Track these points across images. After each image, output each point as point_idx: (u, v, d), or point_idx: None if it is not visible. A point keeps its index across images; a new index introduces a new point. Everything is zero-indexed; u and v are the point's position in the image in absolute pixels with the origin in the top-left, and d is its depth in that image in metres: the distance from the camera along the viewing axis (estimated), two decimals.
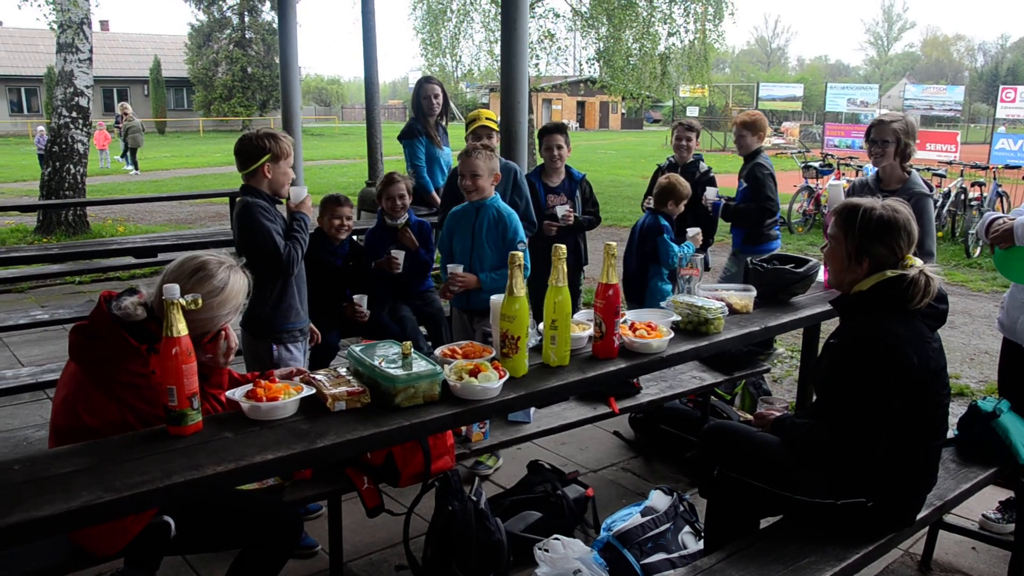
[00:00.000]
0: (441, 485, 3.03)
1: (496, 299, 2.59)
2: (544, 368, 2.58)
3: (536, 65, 19.18)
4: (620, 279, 2.66)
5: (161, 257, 5.32)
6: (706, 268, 5.96)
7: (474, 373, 2.35)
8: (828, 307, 3.30)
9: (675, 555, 3.23)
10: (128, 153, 23.24)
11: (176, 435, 2.06)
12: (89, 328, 2.32)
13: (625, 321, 2.92)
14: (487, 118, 4.88)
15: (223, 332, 2.51)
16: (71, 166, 11.43)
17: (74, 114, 11.39)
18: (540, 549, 2.98)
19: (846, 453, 2.48)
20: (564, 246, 2.53)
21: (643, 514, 3.32)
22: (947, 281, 9.01)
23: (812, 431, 2.56)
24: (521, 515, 3.48)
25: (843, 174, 13.13)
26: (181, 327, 2.03)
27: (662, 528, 3.28)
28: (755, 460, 2.63)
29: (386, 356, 2.38)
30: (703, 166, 5.73)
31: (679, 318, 3.02)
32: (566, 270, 2.53)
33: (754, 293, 3.35)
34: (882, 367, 2.43)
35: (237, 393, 2.22)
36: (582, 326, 2.83)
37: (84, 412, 2.28)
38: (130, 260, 7.92)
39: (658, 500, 3.43)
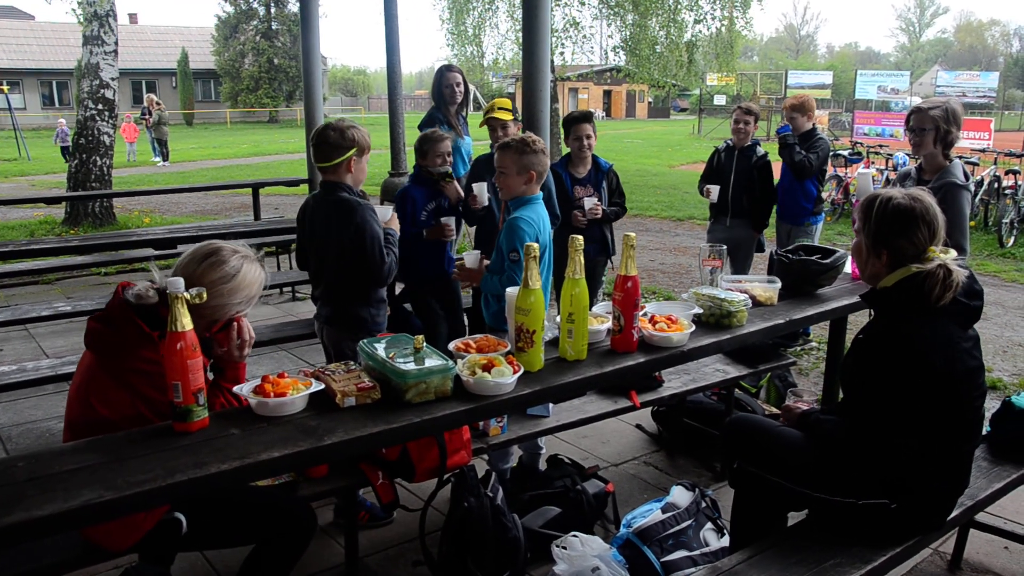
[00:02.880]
0: (457, 481, 2.98)
1: (512, 291, 2.52)
2: (561, 362, 2.51)
3: (561, 54, 19.02)
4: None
5: (180, 248, 5.31)
6: (760, 249, 5.99)
7: (487, 368, 2.28)
8: (855, 299, 3.21)
9: (696, 552, 3.15)
10: (157, 145, 23.43)
11: (182, 432, 2.02)
12: (104, 316, 2.31)
13: (645, 314, 2.85)
14: (499, 108, 4.73)
15: (235, 323, 2.47)
16: (97, 158, 11.51)
17: (100, 106, 11.46)
18: (558, 546, 2.92)
19: (869, 452, 2.39)
20: (581, 237, 2.46)
21: (664, 510, 3.25)
22: (980, 272, 8.80)
23: (836, 428, 2.47)
24: (540, 511, 3.43)
25: (872, 162, 12.90)
26: (185, 321, 1.99)
27: (683, 525, 3.21)
28: (775, 455, 2.55)
29: (398, 351, 2.33)
30: (760, 151, 5.90)
31: (701, 311, 2.93)
32: (583, 261, 2.46)
33: (779, 285, 3.25)
34: (902, 369, 2.34)
35: (245, 388, 2.18)
36: (601, 319, 2.76)
37: (98, 403, 2.26)
38: (151, 252, 8.02)
39: (679, 496, 3.36)
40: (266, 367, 5.92)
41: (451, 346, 2.51)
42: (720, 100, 37.02)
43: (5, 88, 31.87)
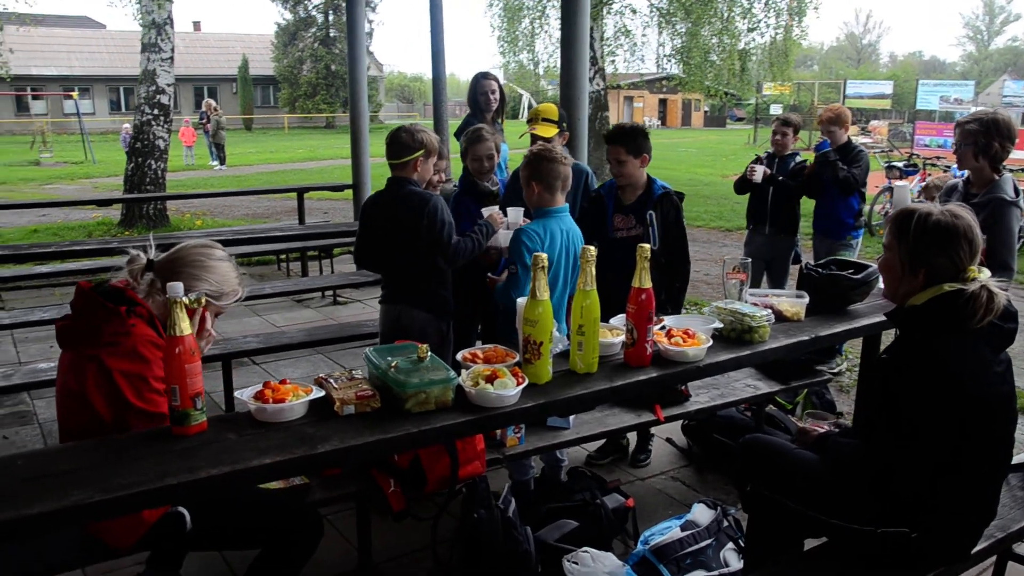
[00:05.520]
0: (468, 492, 2.95)
1: (521, 302, 2.48)
2: (570, 375, 2.46)
3: (612, 62, 18.93)
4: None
5: None
6: (796, 261, 5.87)
7: (491, 379, 2.24)
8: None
9: (715, 573, 3.07)
10: (214, 149, 23.96)
11: (180, 435, 2.03)
12: (72, 309, 2.37)
13: (664, 327, 2.78)
14: (544, 119, 4.38)
15: (201, 312, 2.40)
16: (152, 161, 11.82)
17: (156, 111, 11.75)
18: (569, 561, 2.87)
19: (890, 479, 2.28)
20: (593, 248, 2.41)
21: (683, 528, 3.17)
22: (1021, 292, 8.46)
23: (855, 452, 2.37)
24: (557, 523, 3.36)
25: (929, 174, 12.51)
26: (184, 326, 1.99)
27: (703, 544, 3.13)
28: (790, 478, 2.45)
29: (401, 359, 2.30)
30: (799, 158, 5.89)
31: (721, 325, 2.85)
32: (594, 273, 2.41)
33: (806, 300, 3.14)
34: (930, 392, 2.21)
35: (245, 394, 2.18)
36: (616, 331, 2.70)
37: (78, 403, 2.29)
38: (239, 249, 8.12)
39: (700, 514, 3.27)
40: (303, 370, 5.99)
41: (459, 356, 2.48)
42: (776, 109, 36.37)
43: (75, 94, 33.08)
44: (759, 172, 5.73)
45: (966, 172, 3.95)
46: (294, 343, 4.71)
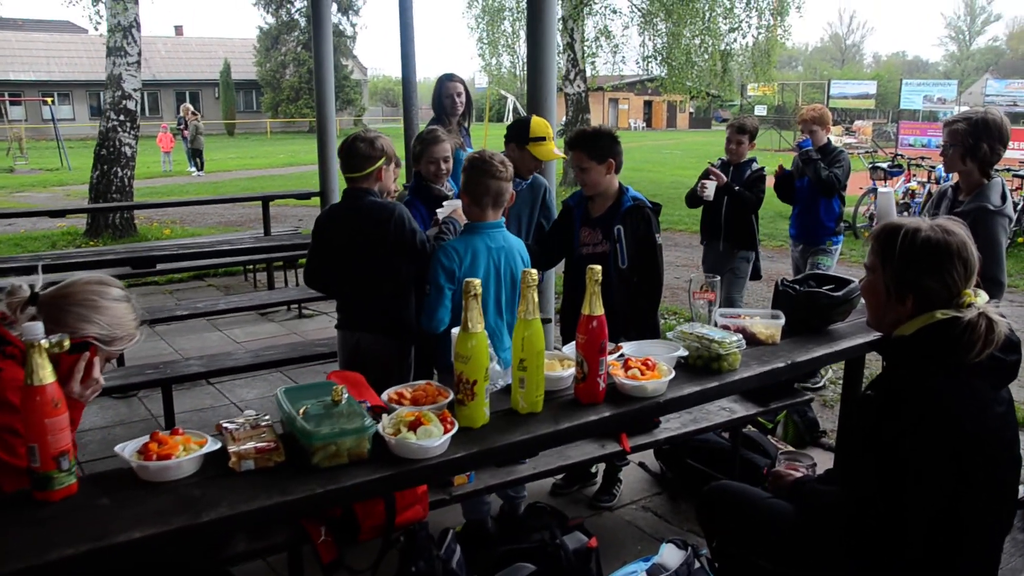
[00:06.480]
0: (406, 541, 2.65)
1: (455, 332, 2.19)
2: (511, 415, 2.16)
3: (592, 63, 18.66)
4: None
5: (160, 267, 5.09)
6: (755, 277, 5.55)
7: (415, 425, 1.95)
8: (872, 336, 2.81)
9: None
10: (193, 155, 23.56)
11: (43, 501, 1.72)
12: None
13: (622, 355, 2.50)
14: (536, 138, 3.92)
15: (89, 355, 2.10)
16: (118, 169, 11.45)
17: (122, 117, 11.41)
18: None
19: (875, 533, 1.98)
20: (535, 272, 2.12)
21: (650, 573, 2.88)
22: (1016, 302, 8.24)
23: (835, 501, 2.07)
24: (513, 568, 3.06)
25: (914, 175, 12.31)
26: (44, 374, 1.69)
27: None
28: (761, 532, 2.16)
29: (313, 403, 2.01)
30: (755, 166, 5.45)
31: (687, 352, 2.57)
32: (537, 299, 2.12)
33: (782, 321, 2.86)
34: (924, 433, 1.90)
35: (128, 448, 1.87)
36: (567, 362, 2.41)
37: None
38: (166, 265, 7.84)
39: (669, 556, 2.98)
40: (258, 389, 5.68)
41: (384, 396, 2.18)
42: (761, 110, 36.24)
43: (50, 100, 32.61)
44: (710, 188, 5.24)
45: (953, 176, 3.67)
46: (239, 365, 4.40)
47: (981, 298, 2.02)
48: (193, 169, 23.35)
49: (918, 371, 2.00)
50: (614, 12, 18.20)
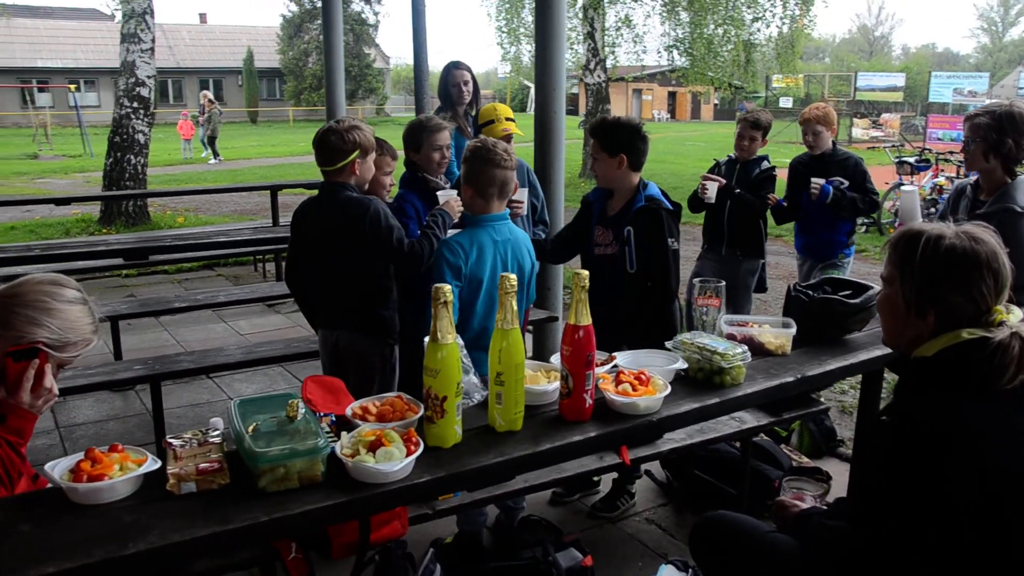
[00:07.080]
0: (381, 560, 2.47)
1: (426, 341, 2.00)
2: (486, 434, 1.98)
3: (613, 53, 18.35)
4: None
5: (152, 259, 4.94)
6: (761, 289, 5.20)
7: (375, 446, 1.76)
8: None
9: None
10: (209, 142, 23.54)
11: None
12: None
13: (615, 367, 2.30)
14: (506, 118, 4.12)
15: (39, 361, 1.92)
16: (131, 156, 11.36)
17: (135, 104, 11.30)
18: None
19: (890, 573, 1.76)
20: (513, 276, 1.93)
21: None
22: None
23: (845, 538, 1.84)
24: None
25: (942, 170, 11.94)
26: None
27: None
28: (760, 571, 1.95)
29: (265, 419, 1.83)
30: (765, 164, 4.95)
31: (686, 365, 2.36)
32: (515, 307, 1.93)
33: (793, 330, 2.65)
34: (945, 467, 1.66)
35: (59, 467, 1.70)
36: (553, 375, 2.22)
37: None
38: (176, 256, 7.72)
39: None
40: (258, 384, 5.54)
41: (348, 411, 2.00)
42: (786, 102, 35.69)
43: (73, 87, 32.74)
44: (712, 189, 4.73)
45: (975, 174, 3.41)
46: (230, 362, 4.24)
47: (1015, 315, 1.78)
48: (208, 154, 23.33)
49: (941, 397, 1.76)
50: (636, 0, 17.83)
